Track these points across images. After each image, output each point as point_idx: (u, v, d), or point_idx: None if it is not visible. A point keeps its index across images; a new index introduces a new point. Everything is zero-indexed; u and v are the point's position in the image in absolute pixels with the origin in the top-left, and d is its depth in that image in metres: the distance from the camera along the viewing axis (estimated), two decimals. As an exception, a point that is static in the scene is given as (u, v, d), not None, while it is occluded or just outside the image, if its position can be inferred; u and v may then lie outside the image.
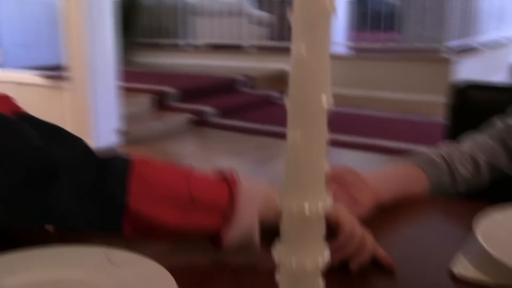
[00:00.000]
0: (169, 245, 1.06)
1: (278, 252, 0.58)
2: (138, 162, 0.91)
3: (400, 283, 0.99)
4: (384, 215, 1.26)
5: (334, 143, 5.78)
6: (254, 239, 0.96)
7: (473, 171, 1.48)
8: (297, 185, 0.55)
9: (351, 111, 9.40)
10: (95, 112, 6.31)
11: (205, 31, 11.38)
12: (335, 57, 10.71)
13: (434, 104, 8.58)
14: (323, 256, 0.57)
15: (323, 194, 0.55)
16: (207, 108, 7.70)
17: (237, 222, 0.93)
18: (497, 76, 10.25)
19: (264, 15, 11.01)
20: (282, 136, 5.44)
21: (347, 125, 7.32)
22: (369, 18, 10.68)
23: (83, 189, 0.88)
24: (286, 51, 10.47)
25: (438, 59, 9.15)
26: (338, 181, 1.20)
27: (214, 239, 0.98)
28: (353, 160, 5.36)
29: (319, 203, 0.55)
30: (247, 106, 8.23)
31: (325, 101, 0.53)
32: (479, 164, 1.48)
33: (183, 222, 0.92)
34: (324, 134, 0.54)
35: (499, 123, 1.55)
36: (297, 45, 0.52)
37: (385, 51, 9.89)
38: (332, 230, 0.98)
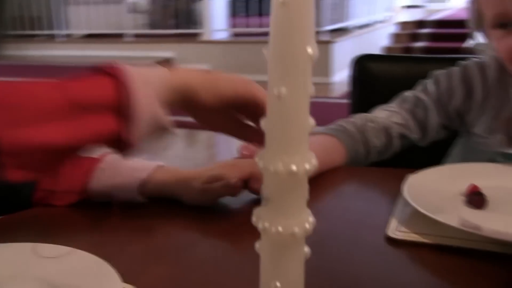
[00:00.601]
0: (102, 236, 1.01)
1: (261, 217, 0.54)
2: None
3: (339, 252, 0.98)
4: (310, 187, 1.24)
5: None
6: (164, 123, 0.83)
7: (386, 142, 1.51)
8: (283, 143, 0.51)
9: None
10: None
11: (81, 20, 11.03)
12: (216, 42, 10.76)
13: (317, 85, 8.70)
14: (309, 220, 0.53)
15: (309, 152, 0.52)
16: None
17: (137, 113, 0.76)
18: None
19: (142, 2, 10.82)
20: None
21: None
22: (247, 3, 10.73)
23: None
24: (168, 38, 10.42)
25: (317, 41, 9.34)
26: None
27: (119, 143, 0.79)
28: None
29: (306, 162, 0.51)
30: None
31: (312, 50, 0.49)
32: (392, 136, 1.51)
33: (72, 135, 0.73)
34: (310, 87, 0.50)
35: (409, 96, 1.59)
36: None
37: (265, 35, 9.99)
38: None
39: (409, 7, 10.56)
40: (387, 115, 1.55)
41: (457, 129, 1.60)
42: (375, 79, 1.96)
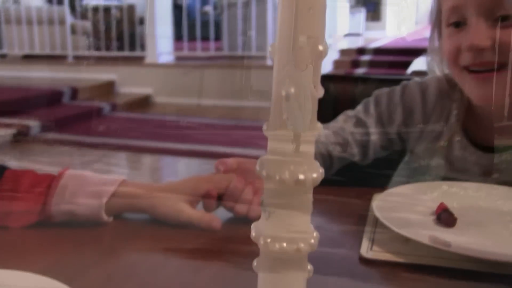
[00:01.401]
0: (63, 258, 0.96)
1: (262, 232, 0.50)
2: None
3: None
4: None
5: (168, 152, 5.71)
6: (98, 215, 1.07)
7: (327, 164, 1.50)
8: (289, 150, 0.47)
9: (182, 120, 9.39)
10: None
11: (21, 40, 10.81)
12: (160, 66, 10.67)
13: (263, 109, 8.77)
14: (314, 235, 0.50)
15: (315, 161, 0.49)
16: (29, 122, 7.28)
17: (58, 196, 1.04)
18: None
19: (86, 23, 10.68)
20: (113, 147, 5.20)
21: (181, 133, 7.27)
22: (185, 27, 10.72)
23: None
24: (111, 60, 10.28)
25: (263, 66, 9.41)
26: (243, 174, 1.14)
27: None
28: (190, 168, 5.31)
29: (314, 171, 0.48)
30: (73, 119, 7.90)
31: (323, 47, 0.46)
32: (332, 157, 1.50)
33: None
34: (320, 89, 0.47)
35: (351, 116, 1.58)
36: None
37: (212, 59, 10.02)
38: None
39: (349, 35, 10.80)
40: (328, 135, 1.53)
41: (398, 149, 1.60)
42: (335, 98, 1.96)
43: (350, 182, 1.41)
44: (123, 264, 0.97)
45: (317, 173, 0.48)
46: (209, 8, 11.75)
